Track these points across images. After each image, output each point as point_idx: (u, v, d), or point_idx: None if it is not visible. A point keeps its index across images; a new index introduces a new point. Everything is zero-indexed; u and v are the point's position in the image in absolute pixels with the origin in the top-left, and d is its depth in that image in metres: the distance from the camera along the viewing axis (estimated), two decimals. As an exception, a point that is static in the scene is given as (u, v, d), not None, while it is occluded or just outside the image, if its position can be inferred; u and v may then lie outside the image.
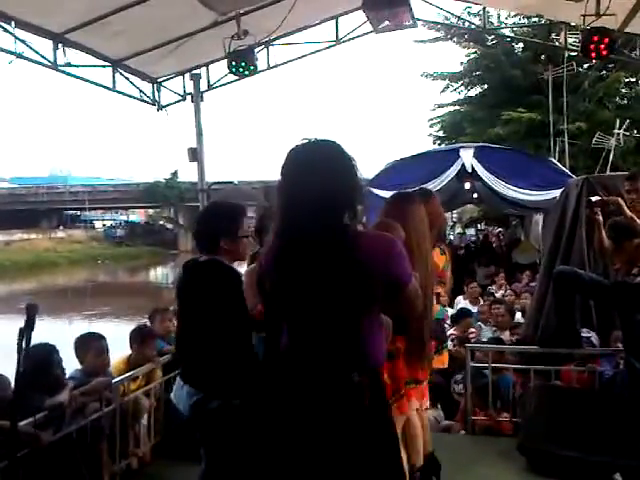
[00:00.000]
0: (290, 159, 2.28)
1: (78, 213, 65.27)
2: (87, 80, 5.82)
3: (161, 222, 64.22)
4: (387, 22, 5.09)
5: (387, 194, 8.62)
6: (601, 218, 5.00)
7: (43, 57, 5.34)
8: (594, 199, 5.12)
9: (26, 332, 2.48)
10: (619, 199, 4.85)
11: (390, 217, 3.42)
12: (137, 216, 71.43)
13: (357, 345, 2.26)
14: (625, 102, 21.93)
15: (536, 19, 12.97)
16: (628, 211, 4.78)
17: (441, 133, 26.03)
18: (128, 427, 4.76)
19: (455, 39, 22.59)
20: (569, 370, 5.56)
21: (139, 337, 5.28)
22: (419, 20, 5.87)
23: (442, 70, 24.50)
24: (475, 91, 24.93)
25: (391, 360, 3.27)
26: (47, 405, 3.90)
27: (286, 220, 2.27)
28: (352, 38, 6.43)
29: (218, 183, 8.16)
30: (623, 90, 21.60)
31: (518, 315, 8.39)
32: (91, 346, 4.73)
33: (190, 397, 3.29)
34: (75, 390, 4.18)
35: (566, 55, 17.84)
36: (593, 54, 5.03)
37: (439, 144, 24.77)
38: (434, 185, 9.29)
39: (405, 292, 2.36)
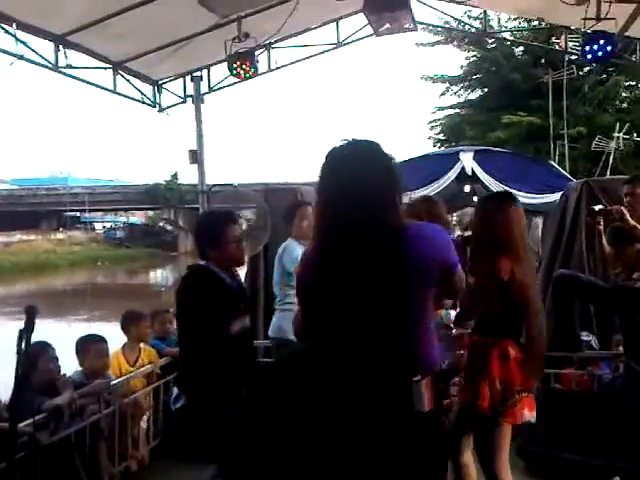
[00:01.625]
0: (330, 160, 2.27)
1: (78, 214, 65.12)
2: (88, 82, 5.81)
3: (161, 224, 64.11)
4: (388, 25, 5.09)
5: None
6: (602, 227, 4.97)
7: (44, 59, 5.33)
8: (597, 208, 5.06)
9: (25, 334, 2.48)
10: (622, 208, 4.81)
11: (487, 217, 3.43)
12: (137, 218, 71.27)
13: (416, 346, 2.21)
14: (625, 106, 22.00)
15: (536, 23, 13.00)
16: (631, 220, 4.76)
17: (441, 136, 26.14)
18: (127, 429, 4.76)
19: (455, 42, 22.64)
20: (569, 373, 5.57)
21: (133, 316, 5.38)
22: (420, 23, 5.87)
23: (442, 73, 24.61)
24: (475, 94, 25.03)
25: (505, 365, 3.24)
26: (45, 407, 3.90)
27: (328, 221, 2.25)
28: (353, 41, 6.44)
29: (218, 185, 8.15)
30: (623, 94, 21.66)
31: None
32: (91, 348, 4.74)
33: (177, 401, 3.35)
34: (74, 392, 4.18)
35: (566, 59, 17.89)
36: (593, 58, 5.04)
37: (439, 147, 24.87)
38: (434, 188, 9.29)
39: (453, 277, 2.36)
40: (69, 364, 4.73)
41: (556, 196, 7.50)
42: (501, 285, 3.21)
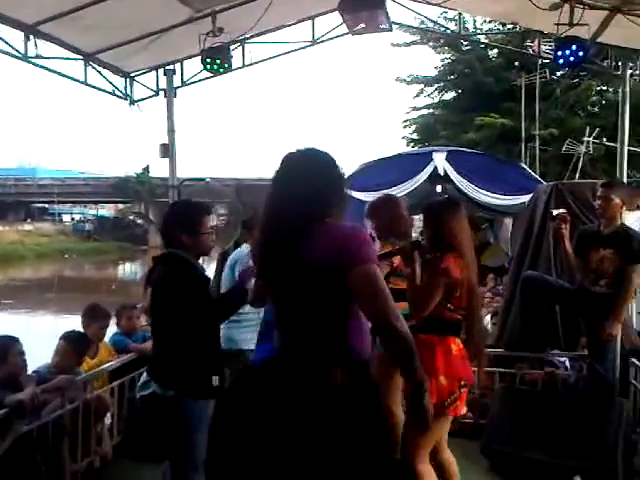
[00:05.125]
0: (279, 166, 2.45)
1: (46, 206, 64.27)
2: (58, 73, 5.68)
3: (131, 217, 63.56)
4: (363, 25, 5.10)
5: (360, 195, 8.66)
6: (566, 231, 5.05)
7: (13, 48, 5.20)
8: (555, 212, 5.17)
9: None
10: (563, 229, 4.96)
11: (434, 219, 3.54)
12: (107, 210, 70.48)
13: (335, 340, 2.29)
14: (596, 110, 22.28)
15: (511, 26, 13.13)
16: (568, 245, 4.98)
17: (415, 135, 26.24)
18: (91, 425, 4.71)
19: (431, 43, 22.76)
20: (532, 373, 5.66)
21: (90, 312, 5.32)
22: (395, 24, 5.87)
23: (417, 74, 24.72)
24: (449, 95, 25.18)
25: (448, 360, 3.36)
26: (6, 402, 3.85)
27: (265, 222, 2.43)
28: (328, 39, 6.42)
29: (190, 180, 8.10)
30: (594, 98, 21.94)
31: (487, 317, 8.48)
32: (60, 346, 4.72)
33: (146, 388, 3.36)
34: (37, 387, 4.12)
35: (539, 63, 18.09)
36: (565, 63, 5.11)
37: (413, 146, 25.00)
38: (406, 187, 9.34)
39: (354, 271, 2.21)
40: (33, 357, 4.69)
41: (526, 198, 7.58)
42: (451, 283, 3.34)
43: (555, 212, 5.18)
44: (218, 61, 5.69)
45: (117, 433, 5.11)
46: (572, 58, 4.99)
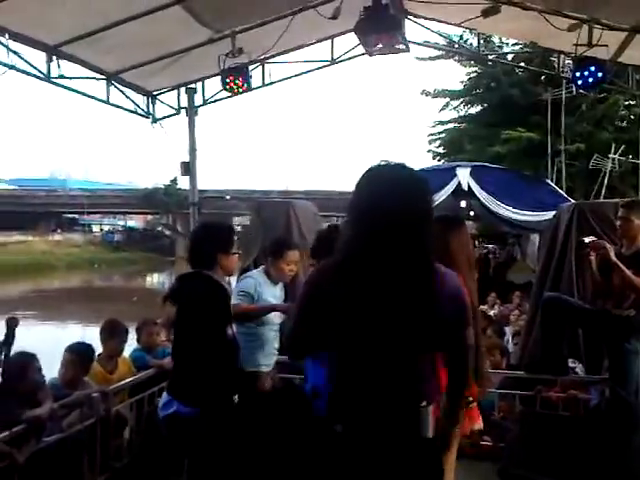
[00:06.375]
0: (370, 179, 2.26)
1: (76, 217, 65.16)
2: (81, 92, 5.78)
3: (159, 228, 64.13)
4: (380, 46, 5.09)
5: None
6: (594, 258, 4.95)
7: (36, 69, 5.29)
8: (586, 240, 5.04)
9: (5, 345, 2.48)
10: (606, 245, 4.81)
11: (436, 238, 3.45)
12: (135, 222, 71.26)
13: (426, 376, 2.26)
14: (624, 124, 21.93)
15: (534, 41, 12.98)
16: (614, 257, 4.77)
17: (441, 149, 26.08)
18: (110, 439, 4.73)
19: (456, 57, 22.61)
20: (554, 396, 5.57)
21: (109, 328, 5.33)
22: (413, 43, 5.87)
23: (442, 88, 24.56)
24: (475, 109, 24.98)
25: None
26: (25, 418, 3.89)
27: (361, 238, 2.19)
28: (347, 58, 6.44)
29: (211, 195, 8.16)
30: (622, 112, 21.60)
31: (510, 337, 8.39)
32: (65, 359, 4.75)
33: (168, 408, 3.37)
34: (55, 402, 4.16)
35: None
36: (584, 84, 5.05)
37: (439, 160, 24.84)
38: (431, 202, 9.32)
39: (465, 334, 2.35)
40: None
41: (550, 214, 7.49)
42: None
43: (587, 240, 5.05)
44: (237, 81, 5.72)
45: (136, 447, 5.12)
46: (591, 79, 4.91)
